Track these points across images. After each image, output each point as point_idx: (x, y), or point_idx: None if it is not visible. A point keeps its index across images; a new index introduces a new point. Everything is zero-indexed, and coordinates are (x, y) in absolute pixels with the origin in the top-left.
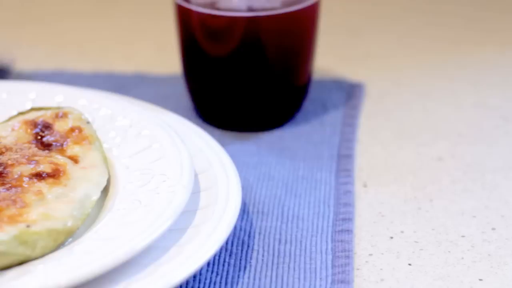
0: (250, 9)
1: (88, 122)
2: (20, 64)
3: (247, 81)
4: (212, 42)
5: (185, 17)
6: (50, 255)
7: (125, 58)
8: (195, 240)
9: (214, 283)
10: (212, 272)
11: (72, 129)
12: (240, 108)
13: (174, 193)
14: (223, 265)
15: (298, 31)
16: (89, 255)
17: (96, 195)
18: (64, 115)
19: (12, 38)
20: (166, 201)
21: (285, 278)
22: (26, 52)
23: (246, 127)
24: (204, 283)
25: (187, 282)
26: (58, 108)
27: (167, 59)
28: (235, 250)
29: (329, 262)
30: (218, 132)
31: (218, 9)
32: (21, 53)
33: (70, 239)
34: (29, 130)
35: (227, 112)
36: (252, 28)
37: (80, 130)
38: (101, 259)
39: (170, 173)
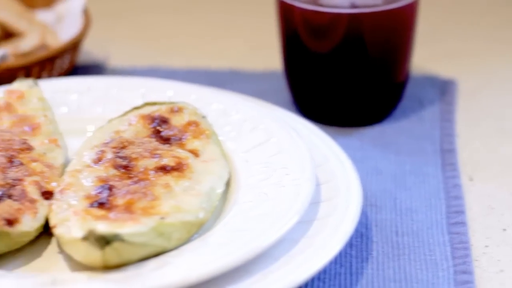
0: (353, 6)
1: (203, 117)
2: (114, 60)
3: (348, 77)
4: (314, 38)
5: (287, 14)
6: (184, 247)
7: (218, 55)
8: (323, 233)
9: (339, 274)
10: (335, 263)
11: (189, 123)
12: (340, 104)
13: (300, 186)
14: (345, 256)
15: (399, 28)
16: (224, 247)
17: (220, 188)
18: (180, 110)
19: (106, 34)
20: (293, 194)
21: (407, 269)
22: (119, 48)
23: (346, 122)
24: (330, 274)
25: None
26: (172, 103)
27: (259, 55)
28: (355, 242)
29: (448, 254)
30: (318, 127)
31: (321, 5)
32: (114, 49)
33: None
34: (147, 125)
35: (327, 107)
36: (355, 25)
37: (197, 124)
38: (237, 251)
39: (292, 167)
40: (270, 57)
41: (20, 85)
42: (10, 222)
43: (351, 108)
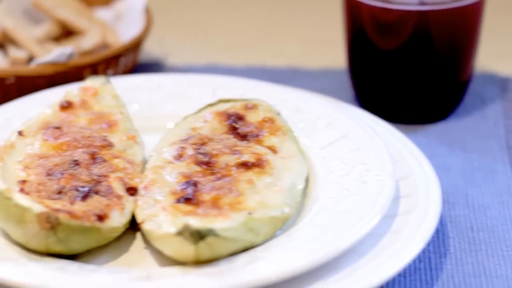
0: (422, 3)
1: (278, 113)
2: (172, 58)
3: (415, 74)
4: (381, 35)
5: (354, 11)
6: (271, 242)
7: (274, 52)
8: (406, 228)
9: (419, 270)
10: (415, 258)
11: (264, 120)
12: (405, 101)
13: (382, 182)
14: (424, 252)
15: (466, 25)
16: (312, 242)
17: (301, 184)
18: (254, 107)
19: (163, 32)
20: (375, 189)
21: (486, 265)
22: (177, 46)
23: (410, 120)
24: (410, 269)
25: None
26: (246, 100)
27: (315, 53)
28: (432, 238)
29: None
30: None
31: (389, 2)
32: (172, 47)
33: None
34: (222, 122)
35: (392, 105)
36: (423, 22)
37: (273, 121)
38: (326, 246)
39: (371, 163)
40: (327, 54)
41: (93, 82)
42: (101, 218)
43: (416, 105)
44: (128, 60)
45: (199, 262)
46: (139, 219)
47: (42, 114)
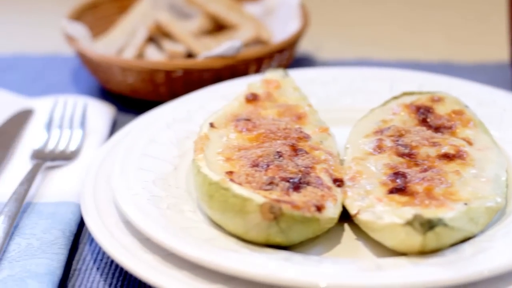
0: None
1: (466, 106)
2: (324, 52)
3: None
4: None
5: None
6: (490, 232)
7: (425, 47)
8: None
9: None
10: None
11: (454, 112)
12: None
13: None
14: None
15: None
16: None
17: (504, 175)
18: (440, 99)
19: (315, 27)
20: None
21: None
22: (328, 40)
23: None
24: None
25: None
26: (431, 92)
27: (463, 47)
28: None
29: None
30: None
31: None
32: (324, 42)
33: None
34: (412, 114)
35: None
36: None
37: (462, 113)
38: None
39: None
40: (477, 49)
41: (273, 75)
42: (318, 209)
43: None
44: (286, 55)
45: (423, 253)
46: (352, 210)
47: (228, 106)
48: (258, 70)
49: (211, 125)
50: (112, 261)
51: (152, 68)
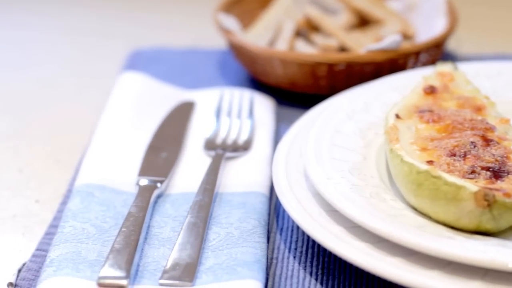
0: None
1: None
2: (462, 47)
3: None
4: None
5: None
6: None
7: None
8: None
9: None
10: None
11: None
12: None
13: None
14: None
15: None
16: None
17: None
18: None
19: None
20: None
21: None
22: (466, 35)
23: None
24: None
25: None
26: None
27: None
28: None
29: None
30: None
31: None
32: (462, 36)
33: None
34: None
35: None
36: None
37: None
38: None
39: None
40: None
41: (444, 68)
42: None
43: None
44: (440, 50)
45: None
46: None
47: (408, 98)
48: (415, 64)
49: (397, 116)
50: (307, 251)
51: (315, 61)
